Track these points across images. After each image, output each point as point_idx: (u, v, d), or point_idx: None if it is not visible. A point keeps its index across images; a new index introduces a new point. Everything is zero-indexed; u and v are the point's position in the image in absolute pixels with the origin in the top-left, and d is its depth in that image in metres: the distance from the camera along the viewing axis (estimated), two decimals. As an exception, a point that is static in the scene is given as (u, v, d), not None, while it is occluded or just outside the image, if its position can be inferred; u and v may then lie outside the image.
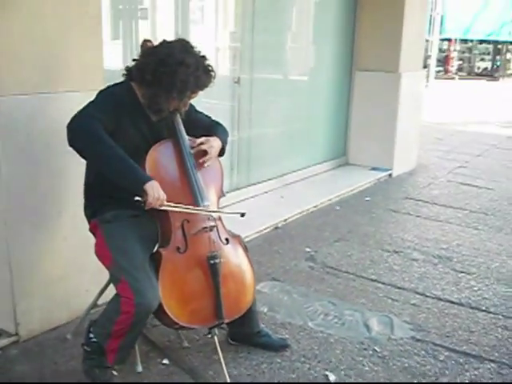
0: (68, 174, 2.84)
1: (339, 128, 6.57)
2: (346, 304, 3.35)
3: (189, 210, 2.41)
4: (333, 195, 5.47)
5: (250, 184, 5.26)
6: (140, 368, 2.59)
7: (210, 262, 2.42)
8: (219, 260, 2.44)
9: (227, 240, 2.56)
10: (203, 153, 2.52)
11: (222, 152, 2.64)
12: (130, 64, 2.47)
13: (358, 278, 3.72)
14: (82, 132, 2.22)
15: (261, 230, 4.45)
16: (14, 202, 2.65)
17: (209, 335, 2.52)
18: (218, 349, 2.51)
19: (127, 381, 2.53)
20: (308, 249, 4.18)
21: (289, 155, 5.81)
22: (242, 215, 2.58)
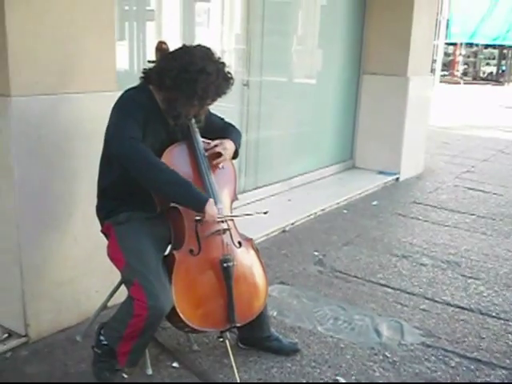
0: (79, 175, 2.83)
1: (346, 131, 6.55)
2: (355, 309, 3.33)
3: (233, 216, 2.52)
4: (340, 199, 5.46)
5: (257, 187, 5.26)
6: (150, 371, 2.58)
7: (222, 265, 2.41)
8: (232, 263, 2.43)
9: (240, 243, 2.55)
10: (217, 155, 2.51)
11: (235, 154, 2.63)
12: (147, 66, 2.46)
13: (367, 282, 3.70)
14: (131, 161, 2.26)
15: (268, 233, 4.44)
16: (26, 204, 2.65)
17: (220, 339, 2.50)
18: (230, 353, 2.49)
19: (137, 384, 2.53)
20: (316, 252, 4.16)
21: (296, 158, 5.81)
22: (265, 213, 2.63)
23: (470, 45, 21.81)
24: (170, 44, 2.53)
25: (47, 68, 2.64)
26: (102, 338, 2.46)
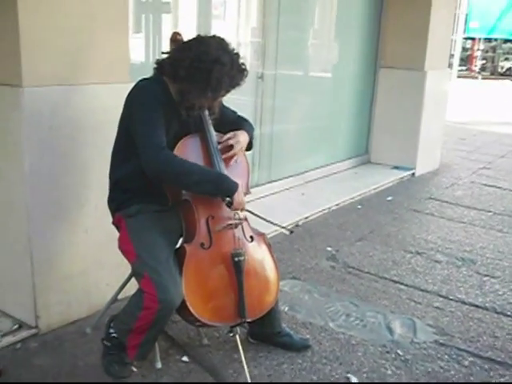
0: (91, 166, 2.81)
1: (362, 125, 6.50)
2: (368, 305, 3.29)
3: (257, 216, 2.52)
4: (354, 194, 5.41)
5: (270, 180, 5.23)
6: (159, 365, 2.56)
7: (234, 259, 2.38)
8: (243, 257, 2.40)
9: (252, 238, 2.52)
10: (230, 148, 2.48)
11: (249, 147, 2.60)
12: (160, 57, 2.43)
13: (381, 278, 3.66)
14: (165, 174, 2.27)
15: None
16: (37, 196, 2.63)
17: (230, 334, 2.48)
18: (240, 348, 2.47)
19: (147, 377, 2.51)
20: (329, 248, 4.12)
21: (310, 152, 5.77)
22: (291, 232, 2.99)
23: (489, 40, 21.56)
24: (185, 36, 2.49)
25: (59, 59, 2.62)
26: (111, 330, 2.45)
